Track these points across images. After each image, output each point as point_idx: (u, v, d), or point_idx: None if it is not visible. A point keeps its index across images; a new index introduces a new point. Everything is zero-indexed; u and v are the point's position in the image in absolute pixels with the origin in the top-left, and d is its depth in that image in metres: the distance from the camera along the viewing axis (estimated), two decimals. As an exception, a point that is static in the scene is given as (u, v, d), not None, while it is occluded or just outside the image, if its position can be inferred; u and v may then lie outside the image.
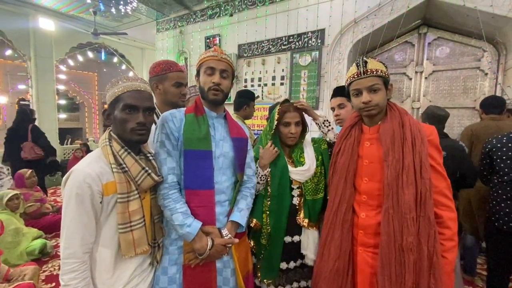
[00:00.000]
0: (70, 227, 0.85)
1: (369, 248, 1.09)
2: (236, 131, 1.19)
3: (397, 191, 0.99)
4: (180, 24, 5.02)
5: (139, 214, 0.94)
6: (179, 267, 1.06)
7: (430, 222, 0.96)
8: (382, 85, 1.06)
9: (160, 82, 1.40)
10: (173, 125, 1.08)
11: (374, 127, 1.12)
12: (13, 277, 1.94)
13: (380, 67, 1.06)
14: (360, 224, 1.11)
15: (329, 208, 1.19)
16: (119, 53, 7.61)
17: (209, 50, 1.14)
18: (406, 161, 0.99)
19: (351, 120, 1.22)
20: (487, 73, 3.08)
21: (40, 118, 6.26)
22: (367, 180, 1.11)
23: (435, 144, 1.04)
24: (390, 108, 1.11)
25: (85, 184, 0.86)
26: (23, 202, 2.90)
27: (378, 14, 3.17)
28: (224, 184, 1.12)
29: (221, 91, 1.11)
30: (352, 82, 1.09)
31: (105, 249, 0.93)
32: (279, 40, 3.90)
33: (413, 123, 1.05)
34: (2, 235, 2.48)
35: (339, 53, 3.46)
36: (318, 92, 3.60)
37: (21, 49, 5.90)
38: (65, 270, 0.84)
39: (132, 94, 0.95)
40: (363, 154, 1.14)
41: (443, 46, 3.31)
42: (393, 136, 1.03)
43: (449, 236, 0.99)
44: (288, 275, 1.33)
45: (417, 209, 0.97)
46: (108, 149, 0.93)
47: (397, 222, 0.97)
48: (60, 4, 5.44)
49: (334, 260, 1.12)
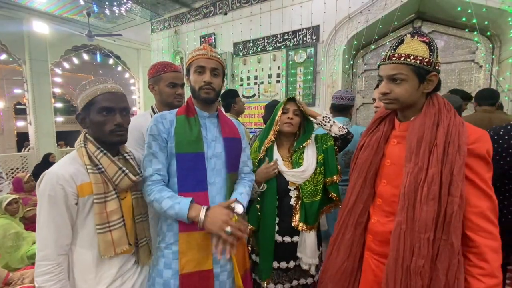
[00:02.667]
0: (43, 229, 0.86)
1: (375, 255, 1.01)
2: (229, 131, 1.17)
3: (414, 205, 0.84)
4: (174, 24, 5.00)
5: (117, 214, 0.94)
6: (174, 272, 1.03)
7: (453, 249, 0.80)
8: (411, 75, 0.85)
9: (155, 83, 1.43)
10: (162, 126, 1.07)
11: (405, 123, 0.95)
12: (13, 281, 1.94)
13: (414, 52, 0.85)
14: (370, 229, 1.03)
15: (344, 206, 1.09)
16: (115, 54, 7.57)
17: (198, 48, 1.12)
18: (431, 171, 0.82)
19: (382, 111, 1.05)
20: (482, 66, 3.09)
21: (37, 122, 6.25)
22: (386, 183, 0.99)
23: (481, 154, 0.82)
24: (429, 103, 0.90)
25: (58, 185, 0.85)
26: (22, 206, 2.90)
27: (372, 9, 3.17)
28: (218, 185, 1.10)
29: (212, 90, 1.09)
30: (380, 65, 0.92)
31: (84, 250, 0.92)
32: (274, 38, 3.90)
33: (454, 124, 0.84)
34: (3, 240, 2.49)
35: (334, 49, 3.47)
36: (314, 89, 3.61)
37: (16, 53, 5.87)
38: (39, 272, 0.85)
39: (106, 96, 0.95)
40: (387, 152, 0.99)
41: (437, 39, 3.31)
42: (421, 138, 0.86)
43: (489, 271, 0.79)
44: (288, 274, 1.34)
45: (438, 230, 0.81)
46: (83, 150, 0.93)
47: (408, 240, 0.84)
48: (53, 7, 5.40)
49: (343, 261, 1.05)
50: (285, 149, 1.40)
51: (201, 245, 1.04)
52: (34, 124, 6.24)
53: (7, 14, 5.49)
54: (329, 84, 3.51)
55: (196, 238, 1.03)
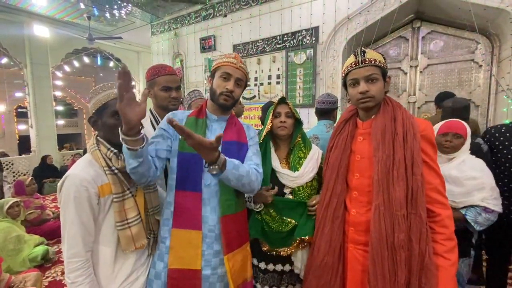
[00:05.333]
0: (71, 229, 0.90)
1: (359, 245, 1.07)
2: (231, 135, 1.15)
3: (388, 188, 0.96)
4: (174, 27, 5.02)
5: (134, 211, 1.01)
6: (165, 265, 1.06)
7: (421, 220, 0.93)
8: (380, 76, 1.02)
9: (151, 86, 1.45)
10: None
11: (368, 122, 1.10)
12: (15, 284, 1.95)
13: (378, 57, 1.03)
14: (351, 221, 1.10)
15: (321, 203, 1.18)
16: (115, 57, 7.61)
17: (229, 55, 1.14)
18: (397, 157, 0.96)
19: (346, 115, 1.19)
20: (482, 65, 3.09)
21: (38, 125, 6.27)
22: (358, 176, 1.09)
23: (429, 139, 1.00)
24: (385, 103, 1.08)
25: (82, 187, 0.90)
26: (23, 210, 2.92)
27: (371, 10, 3.18)
28: (213, 188, 1.09)
29: (232, 98, 1.11)
30: (350, 71, 1.06)
31: (105, 247, 0.98)
32: (273, 39, 3.90)
33: (406, 117, 1.02)
34: (4, 243, 2.50)
35: (333, 50, 3.47)
36: (314, 90, 3.61)
37: (17, 57, 5.91)
38: (70, 269, 0.90)
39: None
40: (355, 149, 1.12)
41: (436, 39, 3.32)
42: (384, 131, 1.01)
43: (448, 235, 0.95)
44: (283, 277, 1.30)
45: (408, 206, 0.94)
46: (98, 153, 0.97)
47: (388, 219, 0.95)
48: (54, 11, 5.43)
49: (324, 255, 1.11)
50: (281, 151, 1.38)
51: (191, 244, 1.06)
52: (35, 127, 6.28)
53: (8, 18, 5.53)
54: (328, 85, 3.52)
55: (187, 237, 1.06)
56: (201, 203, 1.07)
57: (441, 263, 0.94)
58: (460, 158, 1.43)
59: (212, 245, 1.08)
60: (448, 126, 1.45)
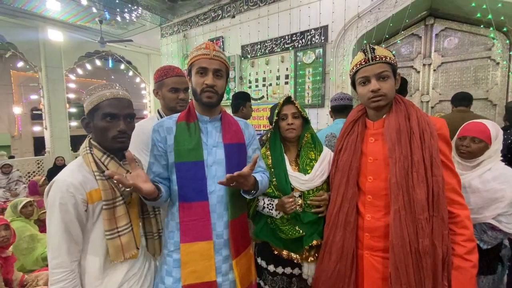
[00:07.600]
0: (55, 237, 0.85)
1: (377, 252, 1.01)
2: (231, 136, 1.09)
3: (408, 190, 0.91)
4: (183, 29, 5.06)
5: (125, 220, 0.95)
6: (174, 280, 1.01)
7: (444, 223, 0.89)
8: (391, 73, 0.99)
9: (159, 88, 1.45)
10: (157, 135, 1.06)
11: (379, 122, 1.05)
12: (28, 282, 1.98)
13: (388, 54, 0.99)
14: (365, 227, 1.03)
15: (331, 208, 1.11)
16: (126, 59, 7.74)
17: (200, 46, 1.03)
18: (416, 157, 0.91)
19: (354, 115, 1.14)
20: (499, 62, 2.97)
21: (52, 127, 6.43)
22: (372, 179, 1.03)
23: (445, 138, 0.95)
24: (396, 101, 1.03)
25: (69, 193, 0.85)
26: (36, 209, 2.97)
27: (382, 8, 3.11)
28: (218, 193, 1.04)
29: (215, 93, 1.03)
30: (359, 69, 1.01)
31: (93, 257, 0.92)
32: (282, 39, 3.87)
33: (421, 115, 0.97)
34: (18, 242, 2.55)
35: (343, 49, 3.41)
36: (324, 90, 3.55)
37: (32, 61, 6.08)
38: (54, 280, 0.85)
39: (111, 102, 0.94)
40: (367, 151, 1.06)
41: (451, 36, 3.21)
42: (399, 130, 0.96)
43: (468, 236, 0.91)
44: (293, 280, 1.27)
45: (429, 208, 0.90)
46: (89, 157, 0.92)
47: (410, 223, 0.90)
48: (67, 15, 5.56)
49: (335, 263, 1.05)
50: (291, 153, 1.35)
51: (203, 256, 1.01)
52: (50, 128, 6.44)
53: (23, 23, 5.70)
54: (338, 85, 3.45)
55: (199, 249, 1.00)
56: (210, 211, 1.02)
57: (462, 265, 0.90)
58: (485, 166, 1.23)
59: (221, 251, 1.05)
60: (466, 128, 1.30)
